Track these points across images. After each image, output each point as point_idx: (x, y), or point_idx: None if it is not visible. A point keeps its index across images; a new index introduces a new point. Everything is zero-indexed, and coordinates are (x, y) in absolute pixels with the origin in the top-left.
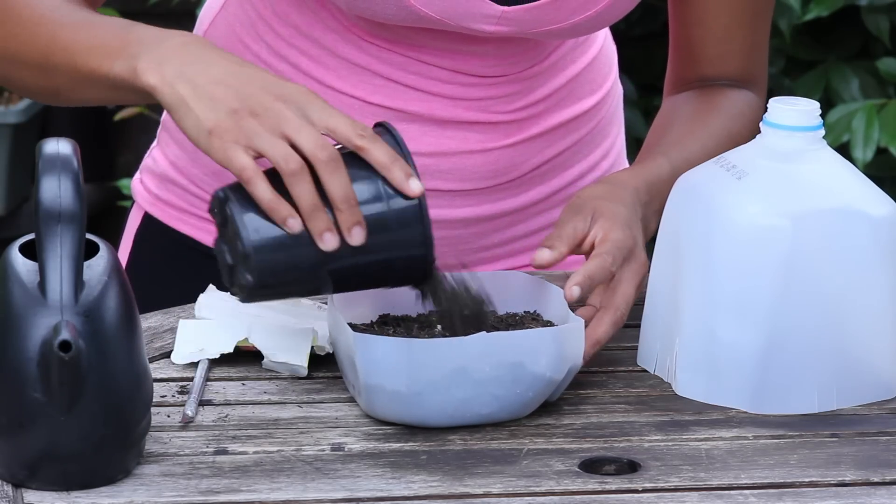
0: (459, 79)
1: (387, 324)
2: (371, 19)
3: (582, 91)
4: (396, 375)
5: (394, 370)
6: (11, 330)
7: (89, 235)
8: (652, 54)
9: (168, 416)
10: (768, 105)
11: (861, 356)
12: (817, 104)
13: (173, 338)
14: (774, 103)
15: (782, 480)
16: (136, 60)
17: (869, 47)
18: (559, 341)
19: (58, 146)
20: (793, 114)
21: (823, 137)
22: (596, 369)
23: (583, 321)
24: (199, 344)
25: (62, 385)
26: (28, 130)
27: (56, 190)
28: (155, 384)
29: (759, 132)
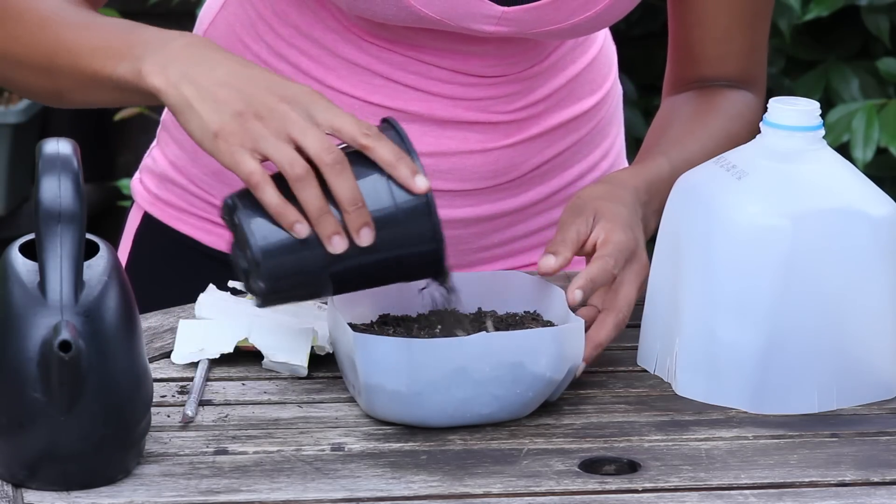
0: (459, 79)
1: (387, 324)
2: (371, 19)
3: (582, 91)
4: (396, 375)
5: (394, 370)
6: (11, 330)
7: (89, 235)
8: (652, 54)
9: (168, 416)
10: (768, 105)
11: (861, 356)
12: (817, 104)
13: (173, 338)
14: (774, 103)
15: (782, 480)
16: (141, 62)
17: (869, 47)
18: (559, 341)
19: (58, 146)
20: (793, 114)
21: (823, 137)
22: (596, 369)
23: (583, 321)
24: (199, 344)
25: (62, 385)
26: (28, 130)
27: (56, 190)
28: (155, 384)
29: (759, 133)
